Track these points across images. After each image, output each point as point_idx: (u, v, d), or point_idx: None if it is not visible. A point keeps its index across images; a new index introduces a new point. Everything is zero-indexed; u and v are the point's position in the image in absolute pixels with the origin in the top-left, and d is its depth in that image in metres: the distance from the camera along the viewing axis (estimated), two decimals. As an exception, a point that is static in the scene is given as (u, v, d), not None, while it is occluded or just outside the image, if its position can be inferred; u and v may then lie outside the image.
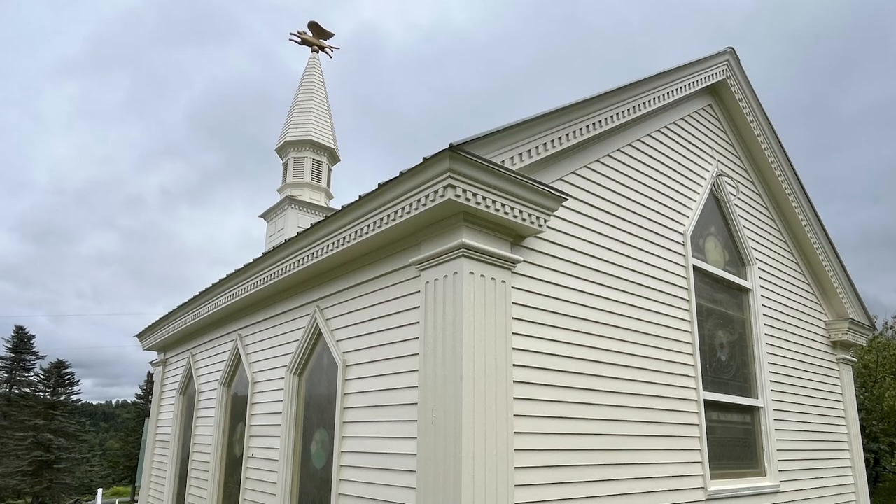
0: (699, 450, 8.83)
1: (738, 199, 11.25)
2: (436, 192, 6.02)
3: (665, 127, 9.77)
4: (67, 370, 70.35)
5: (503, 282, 6.53)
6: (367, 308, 7.80)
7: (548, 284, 7.20)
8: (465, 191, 5.97)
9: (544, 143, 7.08)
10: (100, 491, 37.80)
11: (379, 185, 6.70)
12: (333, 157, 21.03)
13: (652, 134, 9.46)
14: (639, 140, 9.17)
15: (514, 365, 6.55)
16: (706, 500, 8.70)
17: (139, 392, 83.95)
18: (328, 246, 7.91)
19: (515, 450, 6.36)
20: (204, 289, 12.16)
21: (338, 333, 8.38)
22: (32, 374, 71.34)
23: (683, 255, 9.53)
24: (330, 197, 20.53)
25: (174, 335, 14.93)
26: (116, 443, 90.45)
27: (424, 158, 6.04)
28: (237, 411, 11.42)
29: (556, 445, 6.84)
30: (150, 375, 76.93)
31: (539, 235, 7.13)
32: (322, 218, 8.08)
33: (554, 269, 7.32)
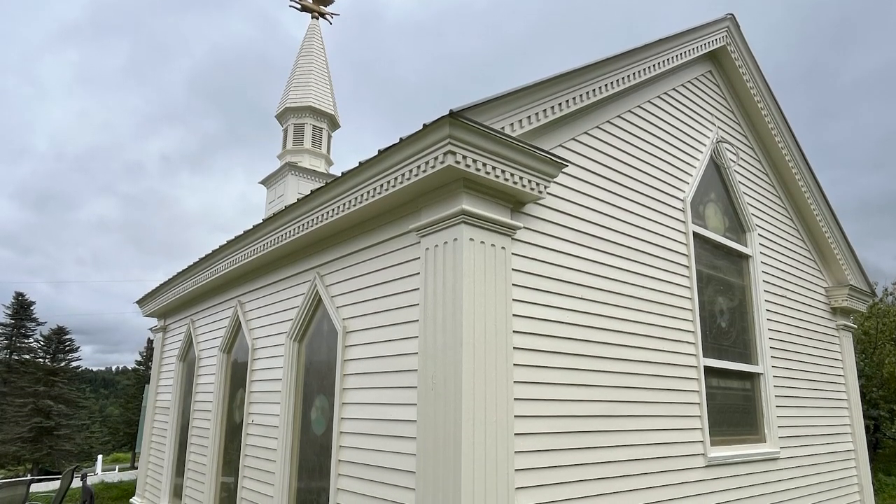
0: (699, 416, 8.86)
1: (738, 165, 11.23)
2: (436, 158, 6.00)
3: (665, 93, 9.74)
4: (67, 336, 70.46)
5: (503, 248, 6.52)
6: (368, 274, 7.80)
7: (548, 251, 7.20)
8: (465, 157, 5.96)
9: (544, 110, 7.05)
10: (100, 457, 38.05)
11: (379, 151, 6.69)
12: (333, 124, 21.00)
13: (652, 100, 9.43)
14: (639, 107, 9.15)
15: (514, 331, 6.56)
16: (706, 466, 8.74)
17: (139, 358, 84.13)
18: (328, 212, 7.90)
19: (515, 416, 6.39)
20: (204, 255, 12.16)
21: (338, 300, 8.38)
22: (32, 340, 71.50)
23: (683, 222, 9.53)
24: (330, 163, 20.52)
25: (174, 301, 14.95)
26: (116, 409, 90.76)
27: (424, 125, 6.02)
28: (237, 378, 11.45)
29: (556, 412, 6.86)
30: (150, 342, 77.10)
31: (539, 202, 7.12)
32: (322, 184, 8.07)
33: (554, 236, 7.31)
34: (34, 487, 25.84)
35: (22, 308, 71.85)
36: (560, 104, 7.29)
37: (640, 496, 7.69)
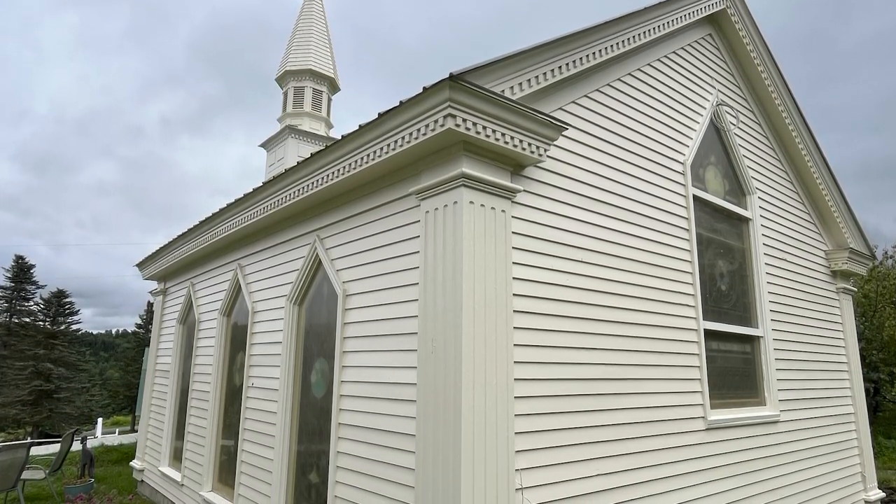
0: (699, 379, 8.89)
1: (738, 128, 11.21)
2: (436, 121, 5.98)
3: (665, 56, 9.70)
4: (67, 299, 70.64)
5: (503, 211, 6.51)
6: (367, 237, 7.79)
7: (548, 214, 7.19)
8: (465, 120, 5.94)
9: (544, 73, 7.02)
10: (100, 420, 38.18)
11: (379, 114, 6.66)
12: (333, 87, 20.99)
13: (652, 63, 9.39)
14: (639, 70, 9.11)
15: (514, 294, 6.56)
16: (706, 429, 8.78)
17: (139, 321, 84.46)
18: (328, 175, 7.89)
19: (515, 379, 6.40)
20: (204, 218, 12.15)
21: (338, 263, 8.39)
22: (32, 303, 71.77)
23: (683, 185, 9.51)
24: (330, 126, 20.52)
25: (174, 264, 14.96)
26: (116, 372, 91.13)
27: (424, 88, 6.00)
28: (237, 341, 11.48)
29: (556, 375, 6.88)
30: (150, 305, 77.34)
31: (539, 165, 7.11)
32: (322, 147, 8.06)
33: (554, 199, 7.30)
34: (34, 450, 25.96)
35: (22, 271, 72.04)
36: (560, 67, 7.26)
37: (640, 459, 7.73)
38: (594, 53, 7.82)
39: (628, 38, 8.47)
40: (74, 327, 71.99)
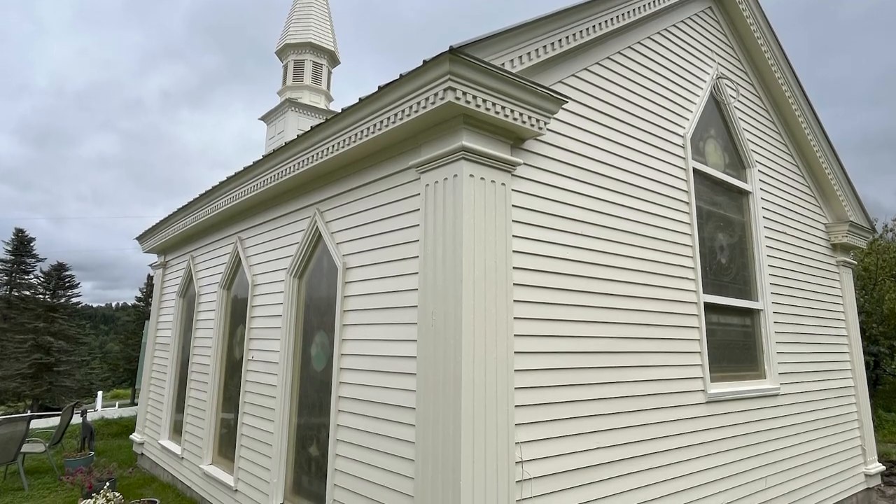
0: (699, 352, 8.91)
1: (738, 101, 11.18)
2: (436, 94, 5.97)
3: (665, 29, 9.66)
4: (67, 273, 70.79)
5: (503, 184, 6.51)
6: (368, 211, 7.79)
7: (548, 187, 7.18)
8: (465, 93, 5.92)
9: (544, 46, 7.00)
10: (100, 393, 38.27)
11: (379, 87, 6.65)
12: (333, 60, 20.96)
13: (652, 36, 9.36)
14: (639, 43, 9.08)
15: (514, 267, 6.56)
16: (706, 402, 8.80)
17: (139, 295, 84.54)
18: (328, 148, 7.88)
19: (515, 352, 6.42)
20: (204, 191, 12.13)
21: (338, 236, 8.38)
22: (32, 276, 71.82)
23: (683, 158, 9.50)
24: (330, 100, 20.50)
25: (174, 238, 14.95)
26: (116, 345, 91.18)
27: (424, 61, 5.98)
28: (237, 314, 11.49)
29: (556, 348, 6.89)
30: (150, 278, 77.43)
31: (539, 138, 7.10)
32: (322, 120, 8.04)
33: (554, 172, 7.29)
34: (34, 424, 26.01)
35: (22, 244, 72.03)
36: (560, 40, 7.24)
37: (640, 432, 7.76)
38: (594, 27, 7.80)
39: (628, 12, 8.44)
40: (74, 300, 72.23)
